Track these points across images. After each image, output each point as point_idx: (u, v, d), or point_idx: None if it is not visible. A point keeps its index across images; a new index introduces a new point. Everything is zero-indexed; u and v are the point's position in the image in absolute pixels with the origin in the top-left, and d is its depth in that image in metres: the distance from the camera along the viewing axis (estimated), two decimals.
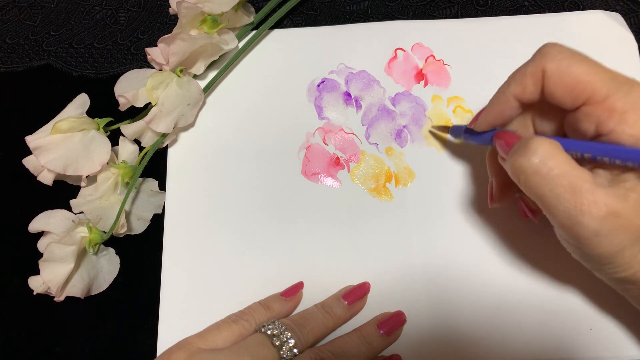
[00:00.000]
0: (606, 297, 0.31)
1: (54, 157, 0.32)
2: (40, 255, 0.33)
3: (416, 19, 0.40)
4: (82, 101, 0.35)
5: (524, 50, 0.37)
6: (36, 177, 0.34)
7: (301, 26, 0.41)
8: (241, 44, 0.38)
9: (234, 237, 0.34)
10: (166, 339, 0.32)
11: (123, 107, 0.34)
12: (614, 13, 0.39)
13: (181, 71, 0.35)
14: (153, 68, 0.37)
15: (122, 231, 0.34)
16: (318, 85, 0.38)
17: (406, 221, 0.34)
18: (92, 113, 0.34)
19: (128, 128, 0.35)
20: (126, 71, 0.36)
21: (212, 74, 0.38)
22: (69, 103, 0.35)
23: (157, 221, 0.36)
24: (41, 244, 0.34)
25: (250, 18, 0.38)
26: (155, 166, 0.36)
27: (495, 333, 0.32)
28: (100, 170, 0.33)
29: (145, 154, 0.35)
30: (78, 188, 0.34)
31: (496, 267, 0.33)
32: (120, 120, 0.35)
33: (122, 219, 0.34)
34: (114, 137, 0.35)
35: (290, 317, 0.30)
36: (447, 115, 0.37)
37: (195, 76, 0.37)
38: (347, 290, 0.32)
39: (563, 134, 0.27)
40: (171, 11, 0.37)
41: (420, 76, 0.38)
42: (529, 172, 0.23)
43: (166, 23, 0.42)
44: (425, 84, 0.38)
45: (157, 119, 0.34)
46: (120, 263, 0.35)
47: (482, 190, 0.34)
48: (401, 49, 0.38)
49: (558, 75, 0.24)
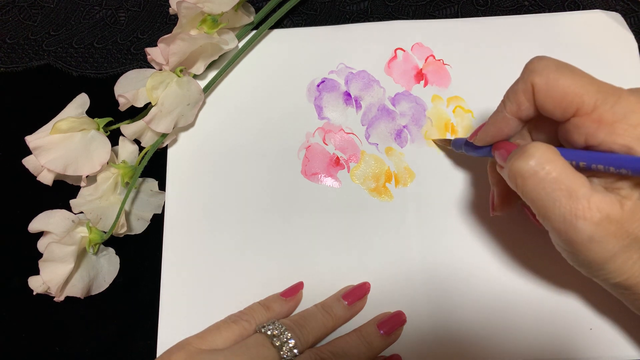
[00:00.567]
0: (606, 298, 0.31)
1: (54, 157, 0.32)
2: (40, 255, 0.33)
3: (416, 19, 0.40)
4: (82, 101, 0.35)
5: (524, 50, 0.38)
6: (36, 177, 0.34)
7: (301, 26, 0.41)
8: (241, 44, 0.38)
9: (234, 237, 0.34)
10: (166, 340, 0.32)
11: (123, 107, 0.34)
12: (614, 13, 0.39)
13: (181, 71, 0.35)
14: (153, 68, 0.37)
15: (122, 231, 0.34)
16: (318, 85, 0.38)
17: (406, 221, 0.34)
18: (92, 113, 0.34)
19: (128, 128, 0.35)
20: (126, 71, 0.36)
21: (212, 74, 0.38)
22: (69, 103, 0.35)
23: (157, 221, 0.36)
24: (41, 244, 0.34)
25: (250, 18, 0.38)
26: (155, 166, 0.36)
27: (495, 333, 0.32)
28: (100, 170, 0.33)
29: (145, 154, 0.35)
30: (78, 188, 0.34)
31: (496, 267, 0.33)
32: (120, 120, 0.35)
33: (122, 219, 0.34)
34: (114, 137, 0.35)
35: (290, 318, 0.30)
36: (447, 115, 0.37)
37: (195, 76, 0.37)
38: (347, 290, 0.32)
39: (559, 145, 0.27)
40: (171, 11, 0.37)
41: (420, 76, 0.38)
42: (526, 176, 0.23)
43: (166, 23, 0.42)
44: (425, 84, 0.37)
45: (157, 119, 0.34)
46: (120, 263, 0.35)
47: (482, 190, 0.34)
48: (401, 49, 0.38)
49: (546, 89, 0.24)
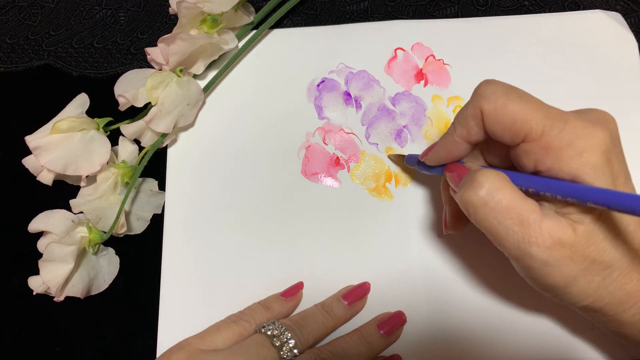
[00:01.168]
0: None
1: (54, 157, 0.32)
2: (40, 255, 0.33)
3: (416, 19, 0.40)
4: (82, 101, 0.35)
5: (524, 50, 0.38)
6: (36, 177, 0.34)
7: (301, 26, 0.41)
8: (241, 44, 0.38)
9: (234, 237, 0.34)
10: (166, 340, 0.32)
11: (123, 107, 0.34)
12: (614, 13, 0.39)
13: (181, 71, 0.35)
14: (153, 68, 0.37)
15: (122, 231, 0.34)
16: (318, 85, 0.38)
17: (406, 221, 0.34)
18: (92, 113, 0.34)
19: (128, 128, 0.35)
20: (126, 71, 0.36)
21: (212, 74, 0.38)
22: (69, 103, 0.35)
23: (157, 221, 0.36)
24: (41, 244, 0.34)
25: (250, 18, 0.38)
26: (155, 166, 0.36)
27: (495, 333, 0.32)
28: (100, 170, 0.33)
29: (145, 154, 0.35)
30: (78, 188, 0.34)
31: (496, 267, 0.33)
32: (120, 120, 0.35)
33: (122, 219, 0.34)
34: (114, 137, 0.35)
35: (290, 318, 0.30)
36: (448, 115, 0.37)
37: (195, 76, 0.37)
38: (347, 290, 0.32)
39: (511, 166, 0.27)
40: (171, 11, 0.37)
41: (420, 76, 0.38)
42: (478, 206, 0.23)
43: (166, 23, 0.42)
44: (425, 84, 0.37)
45: (157, 119, 0.34)
46: (120, 263, 0.35)
47: None
48: (401, 49, 0.38)
49: (494, 115, 0.24)
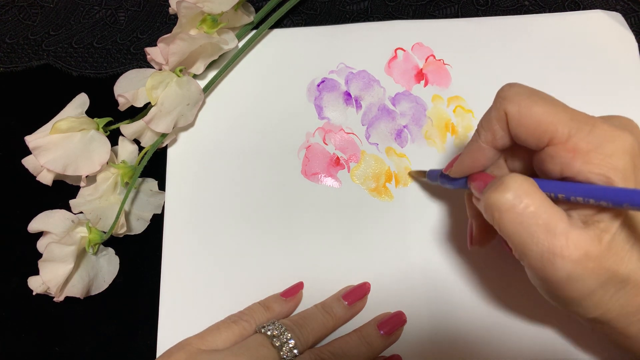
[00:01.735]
0: None
1: (54, 157, 0.32)
2: (39, 255, 0.32)
3: (416, 19, 0.40)
4: (82, 101, 0.35)
5: (525, 50, 0.38)
6: (36, 177, 0.34)
7: (301, 26, 0.40)
8: (241, 44, 0.38)
9: (234, 237, 0.34)
10: (166, 340, 0.32)
11: (122, 107, 0.34)
12: (615, 13, 0.39)
13: (181, 71, 0.35)
14: (153, 68, 0.37)
15: (122, 231, 0.34)
16: (318, 85, 0.38)
17: (406, 221, 0.34)
18: (92, 113, 0.34)
19: (128, 128, 0.35)
20: (126, 71, 0.35)
21: (212, 74, 0.38)
22: (69, 103, 0.35)
23: (157, 221, 0.36)
24: (41, 244, 0.34)
25: (250, 18, 0.38)
26: (154, 166, 0.36)
27: (495, 333, 0.32)
28: (99, 170, 0.33)
29: (144, 154, 0.35)
30: (77, 188, 0.34)
31: (496, 267, 0.33)
32: (119, 120, 0.35)
33: (122, 219, 0.34)
34: (114, 137, 0.35)
35: (290, 318, 0.30)
36: (448, 115, 0.37)
37: (195, 76, 0.37)
38: (347, 290, 0.32)
39: (535, 177, 0.26)
40: (171, 11, 0.37)
41: (420, 76, 0.38)
42: (504, 209, 0.22)
43: (166, 23, 0.42)
44: (425, 84, 0.37)
45: (157, 119, 0.34)
46: (119, 263, 0.35)
47: None
48: (401, 49, 0.38)
49: (519, 117, 0.23)
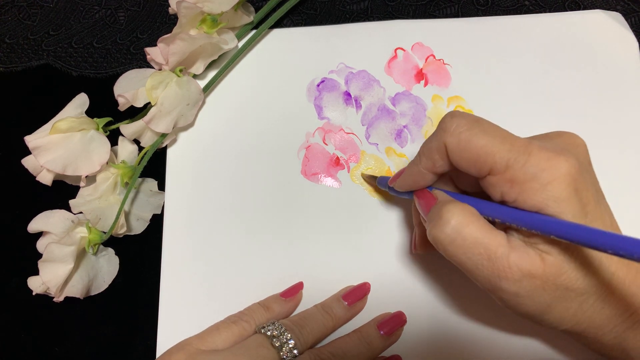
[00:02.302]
0: None
1: (53, 157, 0.32)
2: (39, 255, 0.32)
3: (416, 19, 0.40)
4: (82, 101, 0.34)
5: (525, 50, 0.38)
6: (35, 177, 0.34)
7: (301, 25, 0.40)
8: (241, 44, 0.38)
9: (234, 238, 0.34)
10: (166, 340, 0.32)
11: (122, 107, 0.34)
12: (615, 13, 0.39)
13: (181, 71, 0.35)
14: (152, 68, 0.37)
15: (122, 231, 0.34)
16: (318, 85, 0.38)
17: (406, 221, 0.34)
18: (92, 113, 0.34)
19: (127, 128, 0.35)
20: (125, 71, 0.35)
21: (212, 74, 0.38)
22: (68, 103, 0.35)
23: (157, 221, 0.36)
24: (40, 244, 0.34)
25: (250, 17, 0.38)
26: (154, 166, 0.36)
27: (495, 333, 0.32)
28: (99, 170, 0.33)
29: (144, 154, 0.35)
30: (77, 188, 0.34)
31: None
32: (119, 120, 0.35)
33: (122, 219, 0.34)
34: (114, 137, 0.35)
35: (290, 318, 0.30)
36: None
37: (194, 76, 0.37)
38: (347, 290, 0.32)
39: (481, 190, 0.26)
40: (171, 11, 0.36)
41: (420, 76, 0.38)
42: (445, 243, 0.23)
43: (166, 23, 0.42)
44: (425, 84, 0.37)
45: (157, 119, 0.34)
46: (119, 263, 0.35)
47: None
48: (401, 49, 0.38)
49: (458, 150, 0.24)
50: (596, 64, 0.37)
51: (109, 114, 0.35)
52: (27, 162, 0.34)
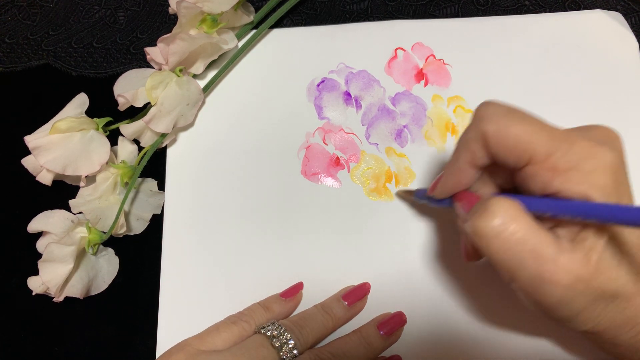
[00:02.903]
0: None
1: (53, 157, 0.32)
2: (39, 255, 0.32)
3: (416, 19, 0.40)
4: (81, 101, 0.34)
5: (525, 50, 0.38)
6: (35, 177, 0.34)
7: (301, 25, 0.40)
8: (241, 44, 0.38)
9: (234, 237, 0.34)
10: (165, 340, 0.32)
11: (122, 107, 0.34)
12: (615, 12, 0.39)
13: (180, 71, 0.35)
14: (152, 68, 0.37)
15: (122, 231, 0.34)
16: (318, 84, 0.38)
17: (406, 221, 0.34)
18: (91, 113, 0.34)
19: (127, 128, 0.35)
20: (125, 71, 0.35)
21: (212, 74, 0.38)
22: (68, 103, 0.35)
23: (157, 221, 0.36)
24: (40, 244, 0.34)
25: (250, 17, 0.38)
26: (154, 166, 0.36)
27: (495, 333, 0.32)
28: (99, 170, 0.33)
29: (144, 154, 0.35)
30: (77, 188, 0.34)
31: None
32: (119, 120, 0.35)
33: (122, 219, 0.34)
34: (113, 137, 0.35)
35: (290, 318, 0.30)
36: (448, 115, 0.36)
37: (194, 76, 0.37)
38: (347, 290, 0.32)
39: (518, 189, 0.26)
40: (170, 11, 0.36)
41: (420, 76, 0.38)
42: (490, 236, 0.22)
43: (165, 22, 0.42)
44: (425, 84, 0.37)
45: (157, 119, 0.34)
46: (119, 263, 0.35)
47: None
48: (401, 49, 0.38)
49: (498, 137, 0.23)
50: (596, 64, 0.37)
51: (109, 114, 0.35)
52: (27, 162, 0.34)
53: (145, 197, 0.36)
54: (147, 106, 0.35)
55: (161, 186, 0.36)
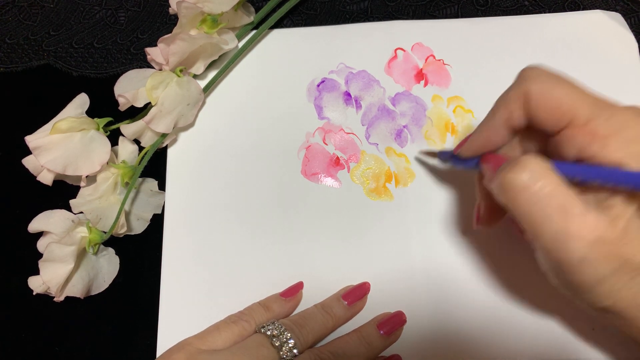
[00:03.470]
0: None
1: (54, 157, 0.32)
2: (40, 255, 0.32)
3: (416, 19, 0.40)
4: (82, 101, 0.35)
5: (525, 50, 0.38)
6: (36, 177, 0.34)
7: (301, 26, 0.41)
8: (241, 44, 0.38)
9: (234, 237, 0.34)
10: (166, 340, 0.32)
11: (123, 107, 0.34)
12: (614, 13, 0.39)
13: (181, 71, 0.35)
14: (153, 68, 0.37)
15: (122, 231, 0.34)
16: (318, 85, 0.38)
17: (406, 221, 0.34)
18: (92, 113, 0.34)
19: (128, 128, 0.35)
20: (126, 71, 0.35)
21: (212, 74, 0.38)
22: (69, 103, 0.35)
23: (157, 221, 0.36)
24: (41, 244, 0.34)
25: (250, 18, 0.38)
26: (154, 166, 0.36)
27: (496, 333, 0.32)
28: (99, 170, 0.33)
29: (145, 154, 0.35)
30: (78, 188, 0.34)
31: (497, 267, 0.33)
32: (119, 120, 0.35)
33: (122, 219, 0.34)
34: (114, 137, 0.35)
35: (290, 318, 0.30)
36: (448, 115, 0.37)
37: (195, 76, 0.37)
38: (347, 290, 0.32)
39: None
40: (171, 11, 0.37)
41: (420, 76, 0.38)
42: (518, 189, 0.22)
43: (166, 23, 0.42)
44: (425, 84, 0.37)
45: (157, 119, 0.34)
46: (120, 263, 0.35)
47: None
48: (401, 49, 0.38)
49: (541, 97, 0.23)
50: (596, 64, 0.37)
51: (110, 114, 0.35)
52: (28, 162, 0.34)
53: (145, 197, 0.36)
54: (148, 106, 0.35)
55: (161, 186, 0.36)
